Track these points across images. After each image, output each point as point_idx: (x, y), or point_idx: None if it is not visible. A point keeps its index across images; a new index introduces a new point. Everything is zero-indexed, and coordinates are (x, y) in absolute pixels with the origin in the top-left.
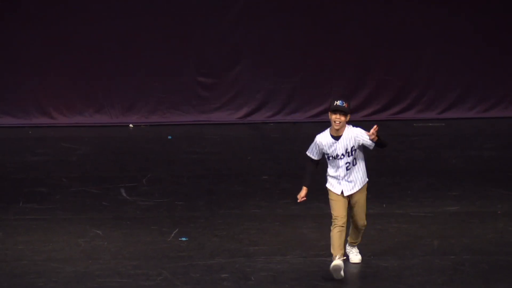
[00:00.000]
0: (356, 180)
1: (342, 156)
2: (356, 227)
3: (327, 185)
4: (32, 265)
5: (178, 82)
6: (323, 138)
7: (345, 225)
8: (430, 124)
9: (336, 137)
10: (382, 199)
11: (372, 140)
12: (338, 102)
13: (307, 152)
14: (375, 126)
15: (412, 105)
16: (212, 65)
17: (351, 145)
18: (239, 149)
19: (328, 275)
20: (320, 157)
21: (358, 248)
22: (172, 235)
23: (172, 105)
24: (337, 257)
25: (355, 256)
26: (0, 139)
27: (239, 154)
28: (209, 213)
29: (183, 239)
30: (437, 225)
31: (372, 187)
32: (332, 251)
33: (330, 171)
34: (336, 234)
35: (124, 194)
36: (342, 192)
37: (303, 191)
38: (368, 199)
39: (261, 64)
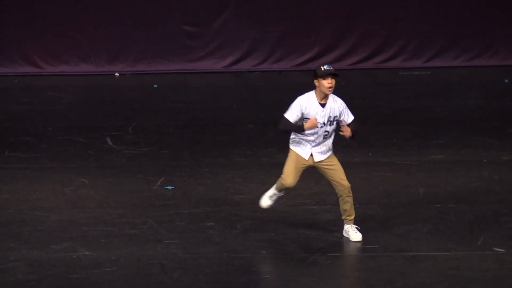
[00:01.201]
0: (327, 149)
1: (323, 124)
2: (341, 193)
3: (293, 147)
4: (17, 213)
5: (164, 31)
6: (309, 103)
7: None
8: (416, 73)
9: (323, 105)
10: (368, 148)
11: (345, 136)
12: (326, 67)
13: (285, 115)
14: (347, 129)
15: (398, 54)
16: (197, 14)
17: (334, 115)
18: (225, 98)
19: (313, 223)
20: (297, 121)
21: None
22: (158, 183)
23: (158, 54)
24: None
25: (355, 233)
26: None
27: (224, 103)
28: (194, 162)
29: (169, 187)
30: (422, 174)
31: (357, 136)
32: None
33: (301, 137)
34: (282, 190)
35: (109, 142)
36: (310, 157)
37: (309, 124)
38: (353, 147)
39: (246, 13)
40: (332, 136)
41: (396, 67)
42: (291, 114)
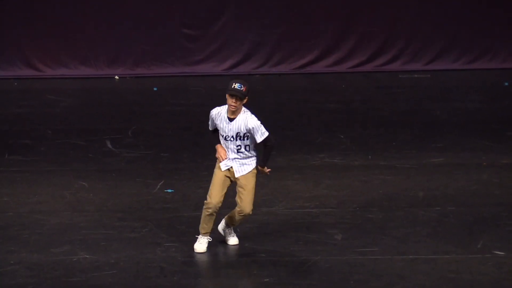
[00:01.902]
0: (246, 164)
1: (232, 139)
2: (240, 213)
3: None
4: (16, 217)
5: (163, 34)
6: (218, 115)
7: (215, 212)
8: (415, 76)
9: (231, 119)
10: (367, 151)
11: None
12: (236, 85)
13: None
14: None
15: (397, 57)
16: (197, 17)
17: (244, 132)
18: (224, 101)
19: (313, 226)
20: (214, 129)
21: None
22: (157, 187)
23: (157, 57)
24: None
25: (232, 237)
26: None
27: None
28: (194, 165)
29: (168, 191)
30: (421, 177)
31: (356, 139)
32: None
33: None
34: (206, 217)
35: (109, 146)
36: (227, 170)
37: (220, 149)
38: (352, 150)
39: (245, 16)
40: (251, 154)
41: (396, 70)
42: (210, 122)
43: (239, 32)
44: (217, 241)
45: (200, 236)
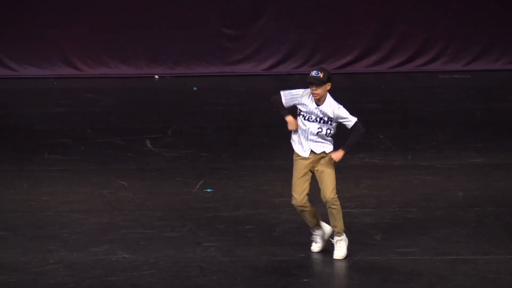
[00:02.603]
0: (324, 145)
1: (315, 120)
2: (324, 202)
3: (294, 147)
4: (56, 216)
5: (203, 34)
6: (307, 97)
7: (306, 207)
8: (456, 76)
9: (318, 104)
10: (407, 150)
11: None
12: (313, 73)
13: (282, 91)
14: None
15: (437, 57)
16: (236, 16)
17: (329, 116)
18: (264, 100)
19: (353, 226)
20: (288, 107)
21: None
22: (197, 186)
23: (197, 56)
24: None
25: (338, 249)
26: (25, 90)
27: (263, 105)
28: (233, 165)
29: (208, 190)
30: (461, 177)
31: (396, 139)
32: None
33: (298, 132)
34: (302, 214)
35: (148, 145)
36: (311, 152)
37: (292, 119)
38: (392, 150)
39: (285, 16)
40: (330, 138)
41: (436, 70)
42: (286, 95)
43: (279, 32)
44: (255, 241)
45: (312, 235)
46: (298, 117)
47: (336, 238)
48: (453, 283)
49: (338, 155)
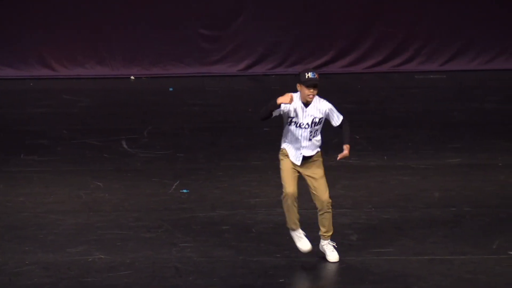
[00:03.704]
0: (314, 147)
1: (307, 126)
2: (320, 207)
3: (285, 147)
4: (33, 217)
5: (180, 34)
6: (295, 102)
7: (296, 202)
8: (431, 76)
9: (306, 104)
10: (383, 151)
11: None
12: (310, 74)
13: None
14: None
15: (413, 57)
16: (213, 17)
17: (320, 117)
18: (240, 101)
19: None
20: (276, 115)
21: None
22: (173, 187)
23: (174, 57)
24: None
25: (331, 252)
26: (1, 91)
27: (240, 106)
28: (210, 165)
29: (184, 191)
30: (438, 177)
31: (372, 140)
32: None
33: (289, 139)
34: (289, 208)
35: (125, 146)
36: (303, 159)
37: (282, 97)
38: (368, 151)
39: (262, 17)
40: (318, 139)
41: (412, 71)
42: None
43: (255, 33)
44: (231, 241)
45: (292, 233)
46: (289, 126)
47: (327, 241)
48: (430, 283)
49: (347, 152)
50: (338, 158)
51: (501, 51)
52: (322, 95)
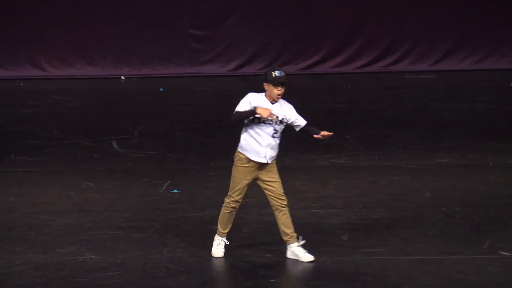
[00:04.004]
0: (275, 151)
1: (271, 122)
2: (278, 208)
3: (241, 150)
4: (23, 217)
5: (170, 35)
6: (259, 99)
7: (237, 209)
8: (422, 76)
9: (272, 102)
10: (374, 151)
11: (320, 136)
12: (277, 73)
13: (237, 109)
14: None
15: (404, 57)
16: (204, 18)
17: (283, 117)
18: (231, 101)
19: (319, 227)
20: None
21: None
22: (164, 187)
23: (164, 57)
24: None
25: (304, 254)
26: None
27: (230, 106)
28: (200, 166)
29: (175, 191)
30: (428, 178)
31: (363, 140)
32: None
33: (250, 139)
34: (226, 214)
35: (115, 146)
36: (255, 163)
37: (261, 108)
38: (359, 151)
39: (252, 17)
40: (278, 143)
41: (402, 71)
42: (242, 107)
43: (245, 33)
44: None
45: (216, 237)
46: (253, 124)
47: (295, 243)
48: (420, 283)
49: (326, 132)
50: (321, 135)
51: (491, 51)
52: (313, 95)
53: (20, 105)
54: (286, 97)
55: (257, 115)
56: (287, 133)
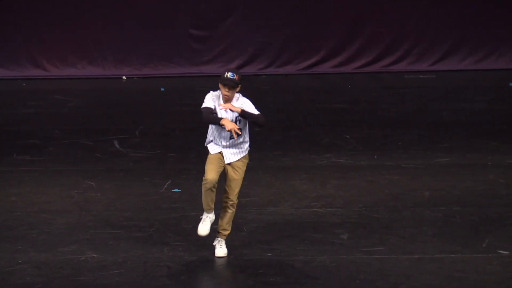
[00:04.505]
0: (239, 151)
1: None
2: (226, 205)
3: (209, 147)
4: (24, 216)
5: (171, 35)
6: (216, 98)
7: (214, 188)
8: (421, 76)
9: (226, 102)
10: (373, 151)
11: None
12: (229, 75)
13: (202, 107)
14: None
15: (403, 57)
16: (204, 18)
17: (237, 115)
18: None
19: (319, 226)
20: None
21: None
22: (165, 186)
23: (165, 57)
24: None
25: (219, 248)
26: None
27: None
28: (201, 165)
29: (175, 190)
30: (428, 177)
31: (363, 139)
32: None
33: (213, 136)
34: (206, 192)
35: (116, 146)
36: (221, 153)
37: (227, 121)
38: (359, 150)
39: (252, 17)
40: (245, 139)
41: (402, 71)
42: (207, 103)
43: (246, 33)
44: (226, 241)
45: (203, 214)
46: (214, 126)
47: (221, 239)
48: (420, 282)
49: (232, 107)
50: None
51: (490, 51)
52: (313, 95)
53: (21, 105)
54: (286, 97)
55: (221, 125)
56: (288, 133)
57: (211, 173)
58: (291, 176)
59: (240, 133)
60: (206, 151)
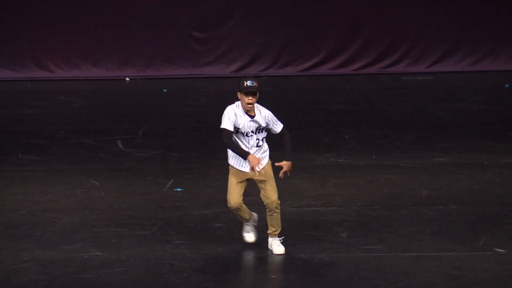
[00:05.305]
0: (263, 157)
1: (252, 133)
2: (271, 207)
3: (231, 161)
4: (29, 215)
5: (173, 36)
6: (237, 113)
7: (242, 205)
8: (419, 78)
9: (250, 116)
10: (372, 151)
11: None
12: (249, 83)
13: (222, 126)
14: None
15: (401, 59)
16: (205, 20)
17: (263, 125)
18: (232, 102)
19: (319, 224)
20: (233, 129)
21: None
22: (167, 186)
23: (167, 59)
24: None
25: (277, 246)
26: None
27: None
28: (202, 164)
29: (178, 189)
30: (426, 176)
31: (362, 139)
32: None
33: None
34: (236, 213)
35: (120, 145)
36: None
37: (254, 158)
38: (358, 150)
39: (253, 19)
40: (265, 145)
41: (400, 72)
42: (227, 124)
43: (247, 35)
44: (224, 238)
45: (244, 226)
46: (235, 136)
47: (273, 238)
48: (418, 279)
49: (289, 167)
50: (280, 176)
51: (487, 53)
52: (312, 96)
53: (26, 105)
54: (286, 98)
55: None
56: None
57: (233, 198)
58: (291, 175)
59: (260, 166)
60: (206, 151)
